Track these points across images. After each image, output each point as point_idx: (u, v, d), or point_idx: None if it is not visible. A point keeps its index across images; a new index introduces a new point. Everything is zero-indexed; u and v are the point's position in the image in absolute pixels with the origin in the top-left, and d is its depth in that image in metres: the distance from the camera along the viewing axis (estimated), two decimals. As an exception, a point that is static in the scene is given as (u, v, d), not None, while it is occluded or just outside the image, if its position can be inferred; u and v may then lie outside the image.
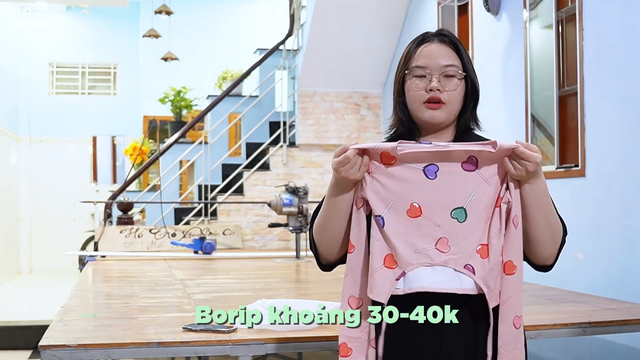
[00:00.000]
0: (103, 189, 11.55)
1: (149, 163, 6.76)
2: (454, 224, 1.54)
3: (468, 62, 1.70)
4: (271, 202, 4.78)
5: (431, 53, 1.68)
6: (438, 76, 1.66)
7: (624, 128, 3.60)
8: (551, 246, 1.64)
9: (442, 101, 1.66)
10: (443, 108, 1.66)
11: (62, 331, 2.18)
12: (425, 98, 1.66)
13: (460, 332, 1.59)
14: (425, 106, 1.67)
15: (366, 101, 7.19)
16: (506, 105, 4.72)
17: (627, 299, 3.17)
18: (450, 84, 1.66)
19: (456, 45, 1.70)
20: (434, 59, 1.67)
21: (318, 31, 6.68)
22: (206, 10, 10.93)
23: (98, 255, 4.98)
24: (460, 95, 1.69)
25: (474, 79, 1.71)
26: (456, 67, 1.67)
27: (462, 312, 1.58)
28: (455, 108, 1.69)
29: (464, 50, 1.71)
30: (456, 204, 1.54)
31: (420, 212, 1.56)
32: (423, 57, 1.68)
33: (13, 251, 11.00)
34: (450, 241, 1.54)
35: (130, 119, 11.56)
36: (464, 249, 1.54)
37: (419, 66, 1.68)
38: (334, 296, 2.90)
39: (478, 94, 1.73)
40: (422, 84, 1.67)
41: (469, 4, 5.38)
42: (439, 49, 1.68)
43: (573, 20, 4.11)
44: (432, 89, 1.65)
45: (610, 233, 3.66)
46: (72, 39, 11.90)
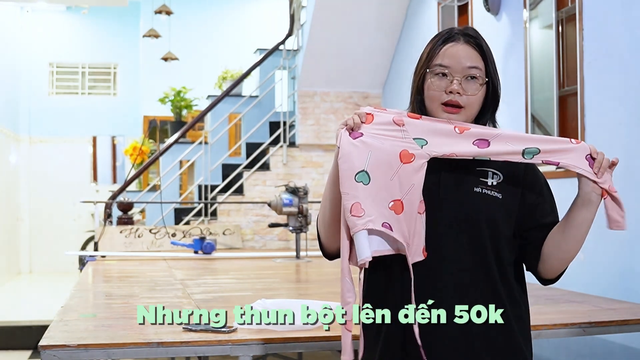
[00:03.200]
0: (103, 189, 11.55)
1: (149, 163, 6.76)
2: (360, 187, 1.56)
3: (492, 65, 1.67)
4: (271, 202, 4.77)
5: (456, 53, 1.64)
6: (460, 78, 1.63)
7: (624, 128, 3.60)
8: (566, 265, 1.69)
9: (460, 105, 1.63)
10: (461, 112, 1.64)
11: (62, 331, 2.18)
12: (444, 99, 1.64)
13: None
14: (443, 109, 1.64)
15: (366, 101, 7.19)
16: (506, 105, 4.72)
17: (627, 299, 3.17)
18: (471, 87, 1.63)
19: (482, 47, 1.66)
20: (458, 60, 1.63)
21: (318, 31, 6.68)
22: (206, 10, 10.93)
23: (98, 255, 4.98)
24: (480, 100, 1.66)
25: (495, 84, 1.68)
26: (479, 70, 1.64)
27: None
28: (474, 112, 1.66)
29: (489, 53, 1.67)
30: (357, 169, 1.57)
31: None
32: (447, 57, 1.64)
33: (13, 251, 11.00)
34: (363, 204, 1.55)
35: (130, 119, 11.57)
36: (375, 209, 1.55)
37: (442, 65, 1.64)
38: (334, 296, 2.90)
39: (499, 99, 1.70)
40: (442, 84, 1.64)
41: (469, 4, 5.38)
42: (464, 50, 1.65)
43: (573, 20, 4.11)
44: (453, 91, 1.62)
45: (610, 233, 3.65)
46: (72, 39, 11.91)
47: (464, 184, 1.64)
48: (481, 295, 1.60)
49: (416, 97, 1.70)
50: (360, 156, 1.56)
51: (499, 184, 1.65)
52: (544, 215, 1.68)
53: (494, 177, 1.66)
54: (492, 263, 1.62)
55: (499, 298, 1.61)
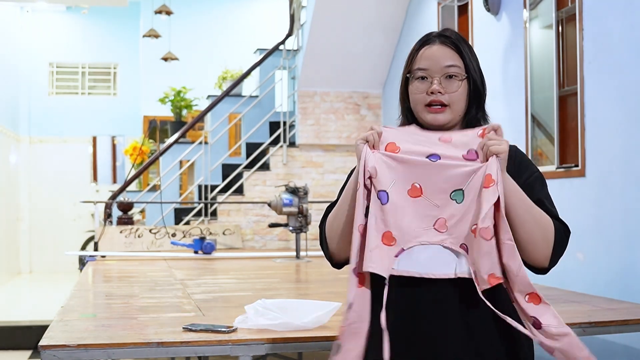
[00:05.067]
0: (103, 189, 11.55)
1: (149, 163, 6.76)
2: (453, 205, 1.58)
3: (470, 61, 1.68)
4: (271, 202, 4.77)
5: (432, 54, 1.67)
6: (439, 78, 1.65)
7: (624, 128, 3.60)
8: (543, 246, 1.59)
9: (444, 103, 1.65)
10: (446, 110, 1.66)
11: (62, 331, 2.18)
12: (427, 101, 1.66)
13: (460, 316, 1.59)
14: (427, 109, 1.66)
15: (366, 101, 7.19)
16: (506, 105, 4.72)
17: (627, 299, 3.17)
18: (451, 85, 1.66)
19: (458, 45, 1.68)
20: (435, 61, 1.66)
21: (318, 31, 6.68)
22: (206, 10, 10.93)
23: (98, 255, 4.98)
24: (464, 96, 1.68)
25: (476, 78, 1.70)
26: (458, 67, 1.66)
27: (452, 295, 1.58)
28: (459, 108, 1.68)
29: (466, 50, 1.69)
30: (456, 186, 1.58)
31: (421, 193, 1.59)
32: (424, 59, 1.68)
33: (13, 251, 11.00)
34: (448, 222, 1.58)
35: (130, 119, 11.57)
36: (461, 229, 1.57)
37: (420, 68, 1.67)
38: (334, 296, 2.90)
39: (481, 93, 1.71)
40: (423, 87, 1.67)
41: (469, 4, 5.38)
42: (440, 50, 1.67)
43: (573, 20, 4.11)
44: (434, 91, 1.65)
45: (610, 233, 3.66)
46: (72, 39, 11.91)
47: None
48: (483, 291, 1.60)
49: (404, 104, 1.74)
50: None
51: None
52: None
53: None
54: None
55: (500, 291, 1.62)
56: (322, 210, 7.40)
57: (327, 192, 6.94)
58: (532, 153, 4.48)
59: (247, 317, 2.22)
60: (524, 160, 1.72)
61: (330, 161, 7.07)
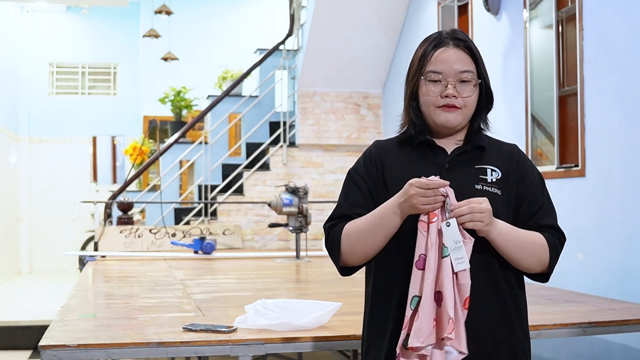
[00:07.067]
0: (103, 189, 11.55)
1: (149, 163, 6.76)
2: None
3: (482, 66, 1.71)
4: (271, 202, 4.78)
5: (447, 58, 1.68)
6: (454, 82, 1.67)
7: (624, 128, 3.60)
8: (539, 268, 1.69)
9: (457, 107, 1.67)
10: (458, 112, 1.68)
11: (62, 331, 2.18)
12: (440, 103, 1.68)
13: None
14: (441, 110, 1.68)
15: (366, 101, 7.19)
16: (506, 105, 4.72)
17: (627, 299, 3.18)
18: (465, 90, 1.67)
19: (472, 50, 1.70)
20: (450, 65, 1.67)
21: (318, 31, 6.68)
22: (206, 10, 10.92)
23: (98, 255, 4.98)
24: (475, 100, 1.70)
25: (488, 84, 1.72)
26: (472, 72, 1.68)
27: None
28: (470, 112, 1.71)
29: (479, 55, 1.71)
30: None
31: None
32: (439, 63, 1.68)
33: (13, 251, 11.00)
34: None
35: (130, 119, 11.56)
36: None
37: (435, 71, 1.68)
38: (334, 296, 2.90)
39: (492, 98, 1.74)
40: (437, 90, 1.68)
41: (469, 4, 5.38)
42: (455, 54, 1.68)
43: (573, 20, 4.11)
44: (448, 95, 1.66)
45: (610, 233, 3.66)
46: (72, 39, 11.90)
47: (464, 182, 1.67)
48: (483, 291, 1.62)
49: (411, 103, 1.73)
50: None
51: (498, 180, 1.69)
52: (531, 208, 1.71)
53: (492, 173, 1.70)
54: (494, 259, 1.65)
55: (501, 293, 1.66)
56: (322, 210, 7.39)
57: (327, 192, 6.94)
58: (532, 153, 4.48)
59: (247, 317, 2.22)
60: (527, 163, 1.75)
61: (330, 161, 7.07)
